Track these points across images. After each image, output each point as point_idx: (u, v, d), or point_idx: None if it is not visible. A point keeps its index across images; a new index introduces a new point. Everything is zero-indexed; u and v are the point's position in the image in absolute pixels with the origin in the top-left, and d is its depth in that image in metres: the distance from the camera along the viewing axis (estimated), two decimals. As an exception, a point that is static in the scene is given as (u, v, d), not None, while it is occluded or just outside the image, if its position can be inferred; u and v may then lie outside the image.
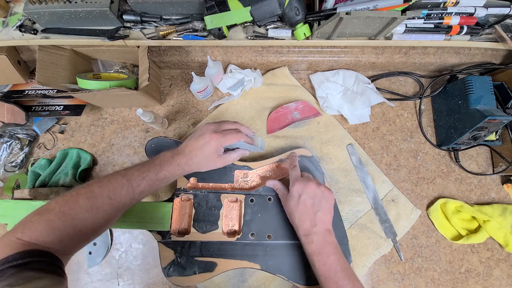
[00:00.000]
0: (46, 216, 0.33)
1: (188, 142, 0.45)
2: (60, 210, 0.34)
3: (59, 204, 0.34)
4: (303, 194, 0.45)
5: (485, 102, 0.55)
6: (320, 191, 0.46)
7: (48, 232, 0.32)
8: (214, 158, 0.44)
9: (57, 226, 0.33)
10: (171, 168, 0.42)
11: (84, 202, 0.35)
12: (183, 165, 0.43)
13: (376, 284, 0.56)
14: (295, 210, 0.46)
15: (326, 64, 0.64)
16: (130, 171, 0.40)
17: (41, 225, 0.32)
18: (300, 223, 0.45)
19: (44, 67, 0.53)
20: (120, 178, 0.38)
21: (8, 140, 0.61)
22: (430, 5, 0.50)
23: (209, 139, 0.43)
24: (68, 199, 0.35)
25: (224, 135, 0.44)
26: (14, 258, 0.28)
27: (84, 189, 0.36)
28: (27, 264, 0.29)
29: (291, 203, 0.46)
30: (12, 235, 0.31)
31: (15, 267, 0.28)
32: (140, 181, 0.39)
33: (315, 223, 0.44)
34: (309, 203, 0.45)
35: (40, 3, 0.48)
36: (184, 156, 0.43)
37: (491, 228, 0.58)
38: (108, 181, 0.38)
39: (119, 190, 0.37)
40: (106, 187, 0.37)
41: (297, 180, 0.47)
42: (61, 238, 0.33)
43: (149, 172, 0.40)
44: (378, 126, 0.65)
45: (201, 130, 0.45)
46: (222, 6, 0.47)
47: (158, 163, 0.41)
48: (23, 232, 0.31)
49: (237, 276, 0.54)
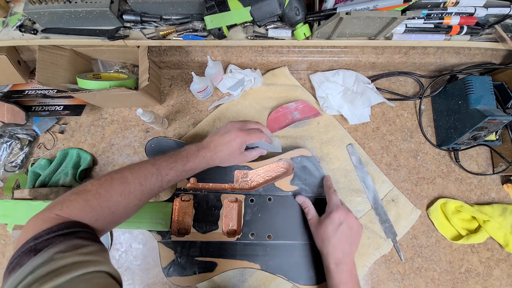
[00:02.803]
0: (83, 195, 0.34)
1: (213, 137, 0.47)
2: (97, 192, 0.35)
3: (95, 186, 0.35)
4: (344, 223, 0.46)
5: (485, 102, 0.55)
6: (357, 224, 0.47)
7: (86, 211, 0.33)
8: (237, 154, 0.47)
9: (94, 206, 0.34)
10: (197, 161, 0.44)
11: (118, 186, 0.36)
12: (207, 158, 0.45)
13: (376, 284, 0.56)
14: (332, 236, 0.45)
15: (326, 64, 0.64)
16: (159, 161, 0.41)
17: (80, 204, 0.33)
18: (334, 251, 0.45)
19: (44, 67, 0.53)
20: (150, 167, 0.40)
21: (8, 140, 0.61)
22: (430, 5, 0.50)
23: (235, 137, 0.45)
24: (103, 182, 0.36)
25: (249, 134, 0.46)
26: (59, 228, 0.29)
27: (117, 174, 0.38)
28: (74, 233, 0.30)
29: (329, 228, 0.46)
30: (49, 212, 0.32)
31: (62, 235, 0.29)
32: (168, 171, 0.41)
33: (347, 253, 0.45)
34: (347, 233, 0.46)
35: (40, 3, 0.48)
36: (210, 151, 0.45)
37: (491, 228, 0.58)
38: (139, 168, 0.39)
39: (149, 178, 0.39)
40: (137, 174, 0.39)
41: (340, 207, 0.48)
42: (97, 218, 0.34)
43: (176, 163, 0.42)
44: (378, 126, 0.65)
45: (226, 127, 0.47)
46: (222, 6, 0.47)
47: (185, 155, 0.44)
48: (61, 209, 0.32)
49: (237, 276, 0.54)
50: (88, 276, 0.26)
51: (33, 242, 0.28)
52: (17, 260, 0.27)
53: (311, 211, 0.51)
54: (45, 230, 0.29)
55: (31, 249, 0.27)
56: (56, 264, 0.25)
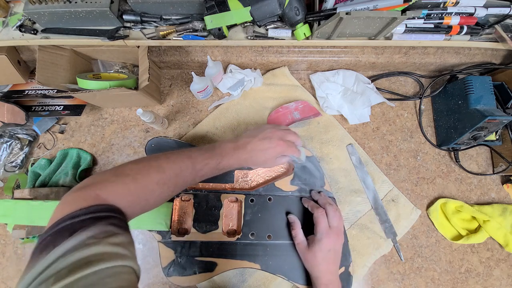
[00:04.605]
0: (123, 179, 0.34)
1: (250, 139, 0.45)
2: (135, 177, 0.35)
3: (133, 171, 0.35)
4: (332, 250, 0.47)
5: (485, 102, 0.55)
6: (340, 243, 0.49)
7: (124, 194, 0.33)
8: (271, 161, 0.46)
9: (131, 191, 0.34)
10: (232, 161, 0.43)
11: (155, 174, 0.36)
12: (242, 160, 0.44)
13: (376, 284, 0.56)
14: (321, 263, 0.47)
15: (326, 64, 0.64)
16: (195, 154, 0.41)
17: (119, 187, 0.33)
18: (323, 275, 0.47)
19: (44, 67, 0.53)
20: (186, 160, 0.40)
21: (8, 140, 0.61)
22: (430, 5, 0.50)
23: (275, 145, 0.44)
24: (141, 168, 0.36)
25: (288, 146, 0.45)
26: (95, 210, 0.29)
27: (155, 162, 0.38)
28: (108, 218, 0.29)
29: (318, 255, 0.47)
30: (91, 190, 0.32)
31: (96, 219, 0.28)
32: (203, 166, 0.41)
33: (334, 273, 0.48)
34: (334, 257, 0.48)
35: (40, 3, 0.48)
36: (246, 153, 0.44)
37: (491, 228, 0.58)
38: (175, 159, 0.39)
39: (184, 170, 0.39)
40: (174, 165, 0.38)
41: (328, 233, 0.48)
42: (132, 203, 0.34)
43: (211, 160, 0.42)
44: (378, 126, 0.65)
45: (266, 132, 0.46)
46: (222, 6, 0.47)
47: (220, 153, 0.43)
48: (101, 189, 0.32)
49: (237, 276, 0.54)
50: (116, 269, 0.26)
51: (70, 221, 0.27)
52: (51, 238, 0.26)
53: (299, 235, 0.51)
54: (83, 210, 0.29)
55: (67, 228, 0.27)
56: (87, 252, 0.25)
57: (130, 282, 0.27)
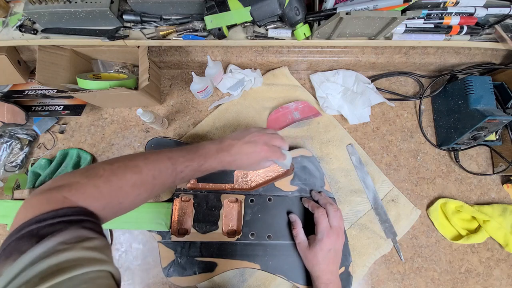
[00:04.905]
0: (94, 180, 0.32)
1: (235, 142, 0.44)
2: (108, 179, 0.33)
3: (107, 171, 0.33)
4: (332, 249, 0.48)
5: (485, 102, 0.55)
6: (341, 243, 0.49)
7: (95, 198, 0.31)
8: (255, 165, 0.45)
9: (104, 194, 0.32)
10: (214, 163, 0.42)
11: (131, 176, 0.34)
12: (225, 163, 0.43)
13: (376, 284, 0.56)
14: (322, 262, 0.47)
15: (326, 64, 0.64)
16: (175, 156, 0.39)
17: (90, 189, 0.31)
18: (323, 275, 0.47)
19: (44, 67, 0.53)
20: (166, 161, 0.38)
21: (8, 140, 0.61)
22: (430, 5, 0.50)
23: (260, 150, 0.44)
24: (116, 169, 0.34)
25: (272, 152, 0.44)
26: (65, 213, 0.27)
27: (131, 162, 0.36)
28: (80, 222, 0.27)
29: (318, 255, 0.47)
30: (57, 192, 0.29)
31: (67, 223, 0.26)
32: (183, 168, 0.39)
33: (334, 273, 0.48)
34: (335, 257, 0.48)
35: (40, 3, 0.48)
36: (230, 156, 0.43)
37: (491, 228, 0.58)
38: (154, 159, 0.37)
39: (163, 172, 0.37)
40: (152, 166, 0.36)
41: (329, 233, 0.48)
42: (104, 206, 0.32)
43: (193, 162, 0.40)
44: (378, 126, 0.65)
45: (252, 135, 0.45)
46: (222, 6, 0.47)
47: (203, 155, 0.42)
48: (70, 191, 0.29)
49: (237, 276, 0.54)
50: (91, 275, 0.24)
51: (36, 225, 0.25)
52: (16, 245, 0.24)
53: (300, 235, 0.51)
54: (50, 213, 0.26)
55: (33, 233, 0.25)
56: (59, 258, 0.23)
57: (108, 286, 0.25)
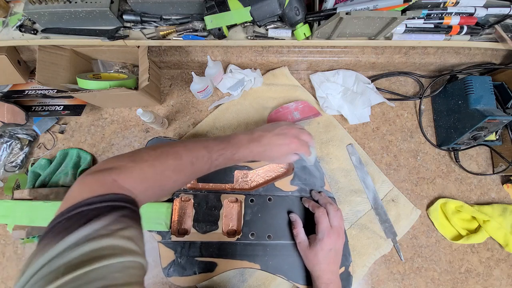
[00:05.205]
0: (140, 165, 0.34)
1: (266, 133, 0.46)
2: (152, 163, 0.35)
3: (151, 157, 0.35)
4: (333, 249, 0.48)
5: (485, 102, 0.55)
6: (341, 242, 0.49)
7: (141, 181, 0.33)
8: (283, 157, 0.47)
9: (148, 177, 0.34)
10: (246, 153, 0.44)
11: (172, 161, 0.37)
12: (255, 153, 0.45)
13: (376, 284, 0.56)
14: (322, 262, 0.47)
15: (326, 64, 0.64)
16: (211, 144, 0.41)
17: (136, 173, 0.33)
18: (324, 274, 0.47)
19: (44, 67, 0.53)
20: (202, 148, 0.40)
21: (8, 140, 0.61)
22: (430, 5, 0.50)
23: (289, 142, 0.45)
24: (159, 154, 0.36)
25: (302, 145, 0.46)
26: (111, 198, 0.29)
27: (172, 149, 0.38)
28: (123, 208, 0.29)
29: (319, 255, 0.47)
30: (108, 175, 0.31)
31: (112, 208, 0.28)
32: (218, 156, 0.41)
33: (335, 273, 0.48)
34: (335, 256, 0.48)
35: (40, 3, 0.48)
36: (260, 146, 0.45)
37: (491, 228, 0.58)
38: (192, 147, 0.40)
39: (200, 159, 0.39)
40: (190, 153, 0.39)
41: (330, 232, 0.48)
42: (147, 189, 0.34)
43: (226, 151, 0.42)
44: (378, 126, 0.65)
45: (282, 128, 0.47)
46: (222, 6, 0.47)
47: (235, 144, 0.43)
48: (119, 175, 0.32)
49: (237, 276, 0.54)
50: (125, 264, 0.26)
51: (86, 207, 0.27)
52: (65, 224, 0.26)
53: (300, 234, 0.51)
54: (99, 197, 0.28)
55: (82, 215, 0.27)
56: (100, 243, 0.25)
57: (138, 277, 0.27)
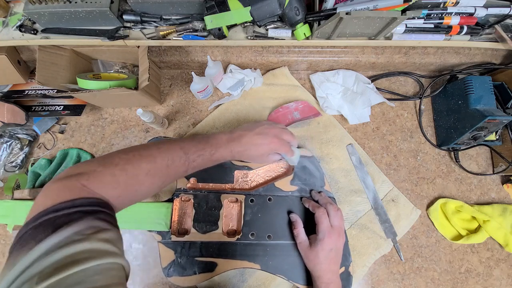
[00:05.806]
0: (111, 169, 0.33)
1: (246, 132, 0.45)
2: (124, 168, 0.33)
3: (123, 160, 0.34)
4: (334, 249, 0.47)
5: (485, 102, 0.55)
6: (342, 242, 0.49)
7: (112, 186, 0.32)
8: (264, 157, 0.47)
9: (120, 182, 0.33)
10: (225, 153, 0.43)
11: (146, 165, 0.35)
12: (235, 153, 0.44)
13: (376, 284, 0.56)
14: (323, 262, 0.47)
15: (326, 64, 0.64)
16: (188, 145, 0.40)
17: (107, 178, 0.32)
18: (324, 274, 0.47)
19: (44, 67, 0.53)
20: (178, 150, 0.39)
21: (8, 140, 0.61)
22: (430, 5, 0.50)
23: (269, 142, 0.45)
24: (131, 158, 0.35)
25: (282, 145, 0.46)
26: (82, 203, 0.28)
27: (146, 151, 0.37)
28: (96, 212, 0.28)
29: (320, 255, 0.47)
30: (76, 180, 0.30)
31: (83, 213, 0.27)
32: (196, 157, 0.40)
33: (335, 272, 0.48)
34: (336, 256, 0.48)
35: (40, 3, 0.48)
36: (240, 145, 0.44)
37: (491, 228, 0.58)
38: (167, 149, 0.38)
39: (176, 161, 0.38)
40: (165, 155, 0.38)
41: (330, 232, 0.48)
42: (120, 194, 0.33)
43: (204, 151, 0.41)
44: (378, 126, 0.65)
45: (263, 127, 0.46)
46: (222, 6, 0.47)
47: (214, 144, 0.43)
48: (88, 180, 0.30)
49: (237, 276, 0.54)
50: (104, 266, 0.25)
51: (53, 214, 0.26)
52: (32, 233, 0.24)
53: (301, 234, 0.50)
54: (68, 202, 0.27)
55: (50, 222, 0.25)
56: (73, 249, 0.24)
57: (119, 278, 0.26)
